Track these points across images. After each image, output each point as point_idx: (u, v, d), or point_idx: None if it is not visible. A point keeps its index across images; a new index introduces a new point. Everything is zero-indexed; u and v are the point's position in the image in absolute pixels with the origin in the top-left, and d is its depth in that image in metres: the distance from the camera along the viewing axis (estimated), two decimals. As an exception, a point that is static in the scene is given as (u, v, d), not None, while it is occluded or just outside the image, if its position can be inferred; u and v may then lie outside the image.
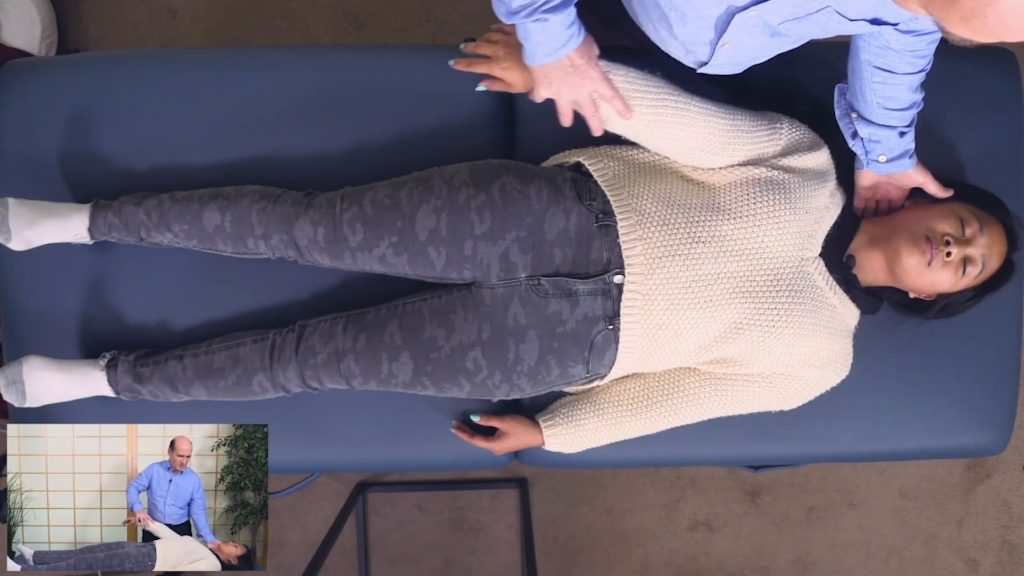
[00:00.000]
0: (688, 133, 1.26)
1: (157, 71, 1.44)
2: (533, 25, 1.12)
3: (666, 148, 1.30)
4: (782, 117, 1.33)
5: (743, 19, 1.05)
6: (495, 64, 1.28)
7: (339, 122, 1.42)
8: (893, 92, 1.23)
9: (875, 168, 1.31)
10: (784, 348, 1.28)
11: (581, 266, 1.27)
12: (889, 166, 1.30)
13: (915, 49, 1.17)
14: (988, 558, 2.24)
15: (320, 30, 2.12)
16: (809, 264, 1.29)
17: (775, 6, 1.03)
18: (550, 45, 1.15)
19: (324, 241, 1.31)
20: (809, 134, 1.33)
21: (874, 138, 1.28)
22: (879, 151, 1.29)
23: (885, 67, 1.20)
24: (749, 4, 1.03)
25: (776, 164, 1.29)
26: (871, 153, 1.29)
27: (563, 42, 1.15)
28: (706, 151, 1.28)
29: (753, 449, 1.49)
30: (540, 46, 1.15)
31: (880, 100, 1.24)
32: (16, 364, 1.37)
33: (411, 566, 2.20)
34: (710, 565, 2.23)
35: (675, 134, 1.27)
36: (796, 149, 1.30)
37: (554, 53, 1.16)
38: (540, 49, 1.16)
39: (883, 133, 1.27)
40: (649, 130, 1.27)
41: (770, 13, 1.04)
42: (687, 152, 1.29)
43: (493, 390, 1.31)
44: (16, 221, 1.32)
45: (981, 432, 1.49)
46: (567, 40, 1.15)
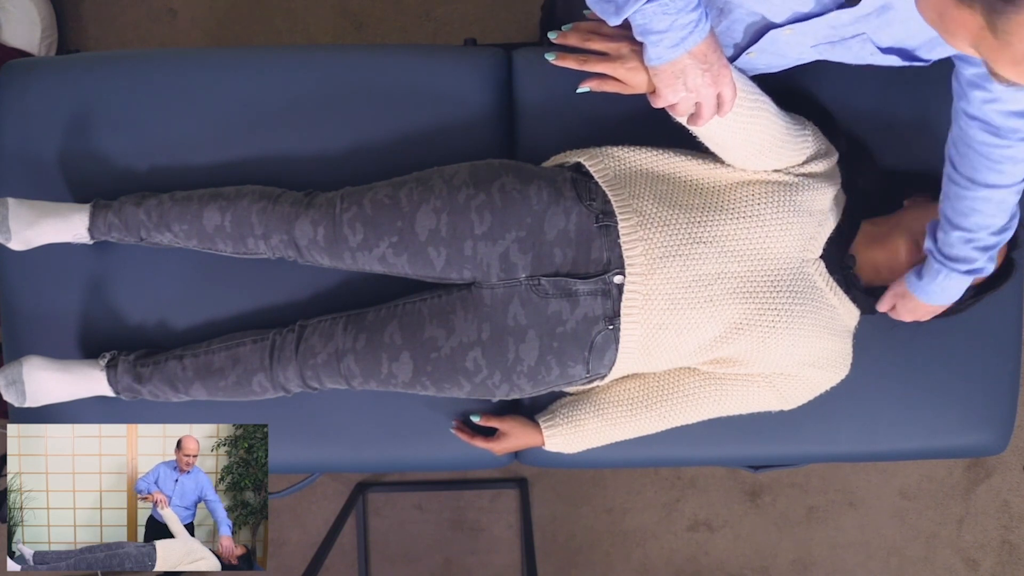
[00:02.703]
0: (760, 134, 1.20)
1: (157, 71, 1.44)
2: (652, 8, 0.97)
3: (729, 148, 1.23)
4: (804, 121, 1.30)
5: (777, 34, 1.04)
6: (619, 63, 1.09)
7: (339, 122, 1.42)
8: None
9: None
10: (784, 348, 1.28)
11: (581, 266, 1.27)
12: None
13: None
14: (988, 558, 2.24)
15: (320, 30, 2.12)
16: (809, 265, 1.29)
17: (812, 27, 1.01)
18: (676, 34, 0.99)
19: (324, 241, 1.31)
20: (824, 140, 1.31)
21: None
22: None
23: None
24: (786, 22, 1.02)
25: (789, 169, 1.28)
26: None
27: (691, 28, 0.99)
28: (763, 154, 1.23)
29: (753, 449, 1.49)
30: (664, 36, 0.99)
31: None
32: (16, 364, 1.37)
33: (411, 566, 2.20)
34: (710, 565, 2.23)
35: (751, 135, 1.19)
36: (815, 156, 1.29)
37: (681, 44, 1.00)
38: (664, 41, 1.00)
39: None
40: (730, 127, 1.18)
41: (805, 34, 1.03)
42: (744, 155, 1.23)
43: (493, 390, 1.31)
44: (16, 221, 1.32)
45: (981, 432, 1.49)
46: (695, 24, 0.99)
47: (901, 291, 1.28)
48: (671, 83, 1.05)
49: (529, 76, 1.43)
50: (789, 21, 1.02)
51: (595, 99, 1.36)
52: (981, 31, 0.74)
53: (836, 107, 1.39)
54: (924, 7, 0.81)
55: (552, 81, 1.42)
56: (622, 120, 1.40)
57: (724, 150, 1.24)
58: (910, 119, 1.42)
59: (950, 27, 0.78)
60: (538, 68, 1.44)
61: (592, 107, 1.40)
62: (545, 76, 1.43)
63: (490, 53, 1.46)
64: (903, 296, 1.28)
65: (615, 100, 1.34)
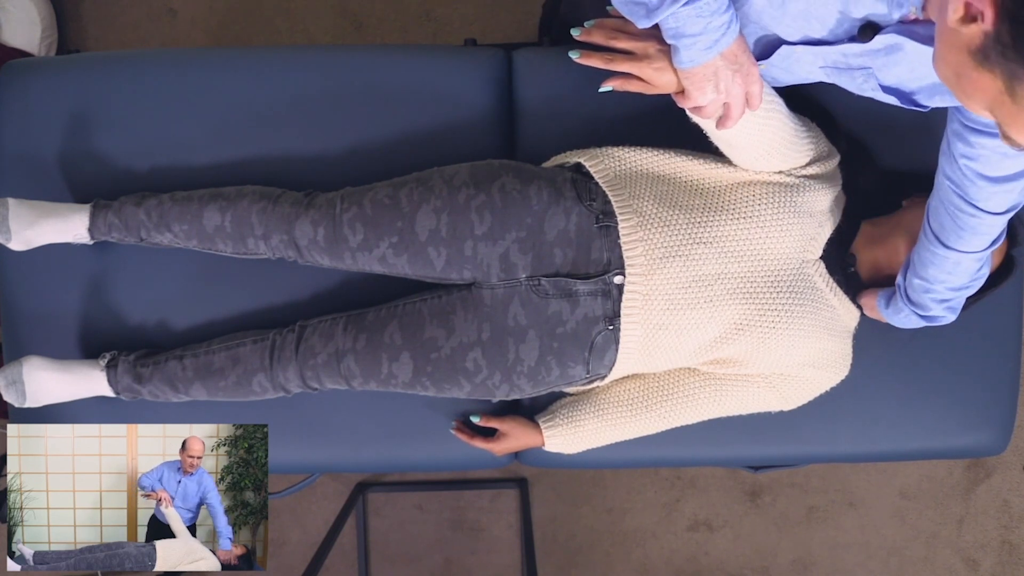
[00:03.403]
0: (772, 135, 1.20)
1: (157, 71, 1.44)
2: (687, 12, 0.95)
3: (739, 147, 1.22)
4: (810, 123, 1.29)
5: (788, 51, 1.05)
6: (647, 63, 1.07)
7: (339, 122, 1.42)
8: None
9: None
10: (784, 349, 1.28)
11: (581, 266, 1.27)
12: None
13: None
14: (988, 558, 2.24)
15: (320, 30, 2.12)
16: (810, 266, 1.29)
17: (823, 51, 1.02)
18: (709, 37, 0.98)
19: (324, 241, 1.31)
20: (827, 142, 1.31)
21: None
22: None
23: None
24: (799, 41, 1.03)
25: (795, 172, 1.28)
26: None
27: (723, 31, 0.98)
28: (771, 155, 1.23)
29: (753, 449, 1.49)
30: (698, 39, 0.98)
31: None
32: (16, 364, 1.37)
33: (411, 566, 2.20)
34: (710, 565, 2.23)
35: (763, 135, 1.19)
36: (817, 158, 1.29)
37: (714, 46, 0.99)
38: (698, 44, 0.98)
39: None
40: (746, 128, 1.16)
41: (816, 55, 1.04)
42: (753, 155, 1.23)
43: (493, 390, 1.31)
44: (16, 221, 1.32)
45: (981, 432, 1.49)
46: (727, 26, 0.98)
47: (872, 304, 1.32)
48: (702, 85, 1.03)
49: (529, 76, 1.43)
50: (800, 43, 1.02)
51: (595, 99, 1.36)
52: (1000, 95, 0.75)
53: (836, 107, 1.39)
54: (941, 66, 0.81)
55: (552, 81, 1.42)
56: (622, 120, 1.40)
57: (734, 150, 1.24)
58: (910, 119, 1.41)
59: (967, 89, 0.78)
60: (538, 68, 1.44)
61: (592, 107, 1.40)
62: (545, 76, 1.43)
63: (490, 53, 1.46)
64: (873, 309, 1.33)
65: (615, 100, 1.35)
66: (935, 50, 0.82)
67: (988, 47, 0.73)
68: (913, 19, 0.93)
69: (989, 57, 0.74)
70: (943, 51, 0.80)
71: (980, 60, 0.75)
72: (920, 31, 0.92)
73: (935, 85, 1.01)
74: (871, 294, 1.32)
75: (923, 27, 0.92)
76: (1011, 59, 0.72)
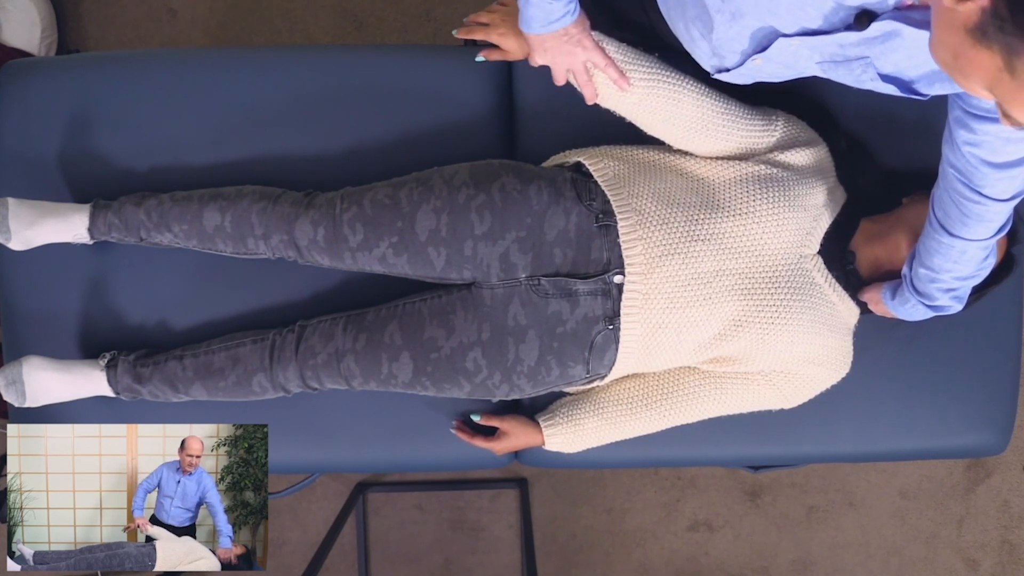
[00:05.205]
0: (679, 111, 1.27)
1: (157, 71, 1.44)
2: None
3: (658, 127, 1.31)
4: (778, 112, 1.33)
5: (785, 44, 1.05)
6: (492, 30, 1.31)
7: (339, 122, 1.42)
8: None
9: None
10: (784, 345, 1.28)
11: (581, 266, 1.27)
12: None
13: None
14: (988, 558, 2.24)
15: (320, 30, 2.12)
16: (807, 261, 1.29)
17: (819, 43, 1.02)
18: (547, 17, 1.19)
19: (324, 241, 1.31)
20: (807, 130, 1.33)
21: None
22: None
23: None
24: (795, 33, 1.03)
25: (772, 160, 1.29)
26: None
27: (559, 16, 1.19)
28: (698, 132, 1.28)
29: (753, 449, 1.49)
30: (536, 16, 1.19)
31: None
32: (16, 364, 1.37)
33: (411, 566, 2.20)
34: (710, 565, 2.23)
35: (667, 110, 1.27)
36: (792, 144, 1.30)
37: (549, 25, 1.19)
38: (536, 19, 1.19)
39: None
40: (641, 104, 1.28)
41: (812, 48, 1.04)
42: (678, 133, 1.29)
43: (493, 390, 1.31)
44: (16, 221, 1.32)
45: (981, 432, 1.49)
46: (563, 15, 1.19)
47: (876, 298, 1.31)
48: (538, 48, 1.24)
49: (529, 76, 1.43)
50: (797, 34, 1.02)
51: (595, 99, 1.36)
52: (999, 72, 0.74)
53: (836, 107, 1.39)
54: (938, 49, 0.81)
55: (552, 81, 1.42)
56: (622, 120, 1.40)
57: (657, 130, 1.31)
58: (910, 119, 1.42)
59: (965, 68, 0.78)
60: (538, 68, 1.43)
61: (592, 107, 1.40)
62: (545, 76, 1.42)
63: (490, 53, 1.46)
64: (878, 303, 1.32)
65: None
66: (932, 34, 0.82)
67: (986, 23, 0.73)
68: (909, 4, 0.93)
69: (987, 33, 0.74)
70: (940, 33, 0.80)
71: (978, 37, 0.74)
72: (916, 16, 0.92)
73: (934, 72, 1.01)
74: (875, 289, 1.31)
75: (919, 12, 0.92)
76: (1009, 32, 0.72)
